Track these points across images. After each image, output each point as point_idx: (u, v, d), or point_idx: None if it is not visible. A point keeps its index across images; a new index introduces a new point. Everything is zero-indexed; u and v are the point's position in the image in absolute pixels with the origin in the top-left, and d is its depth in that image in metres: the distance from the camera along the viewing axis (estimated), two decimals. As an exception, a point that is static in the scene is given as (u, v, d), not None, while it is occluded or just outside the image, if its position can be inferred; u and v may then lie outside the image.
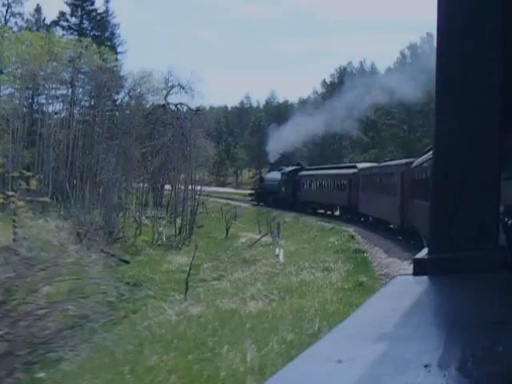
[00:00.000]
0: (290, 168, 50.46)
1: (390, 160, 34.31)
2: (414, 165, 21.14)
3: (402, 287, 1.63)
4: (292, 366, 0.99)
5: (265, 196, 52.35)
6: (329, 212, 40.26)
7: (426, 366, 0.90)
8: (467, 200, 1.58)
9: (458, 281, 1.60)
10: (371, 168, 33.12)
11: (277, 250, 23.05)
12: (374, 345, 1.05)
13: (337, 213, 39.26)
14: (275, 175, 51.80)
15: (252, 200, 55.73)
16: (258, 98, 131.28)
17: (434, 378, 0.88)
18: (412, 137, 70.00)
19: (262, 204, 51.88)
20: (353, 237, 28.02)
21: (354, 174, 35.04)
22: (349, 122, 59.82)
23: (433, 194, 1.73)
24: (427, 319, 1.33)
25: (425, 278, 1.60)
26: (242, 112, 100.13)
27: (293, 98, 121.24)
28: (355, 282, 16.85)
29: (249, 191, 59.55)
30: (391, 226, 25.96)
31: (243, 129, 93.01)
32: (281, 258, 21.44)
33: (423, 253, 1.71)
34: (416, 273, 1.60)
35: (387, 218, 26.01)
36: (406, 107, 63.42)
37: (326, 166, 48.65)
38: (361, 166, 36.47)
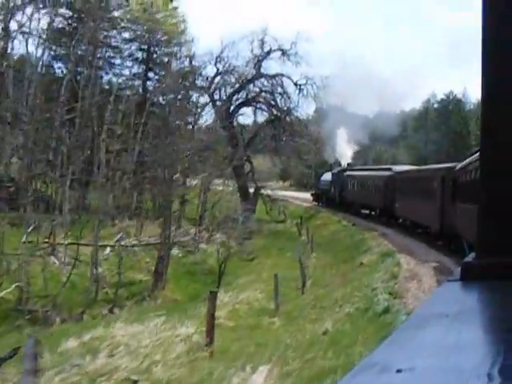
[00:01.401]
0: (338, 168, 51.62)
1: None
2: (458, 167, 21.10)
3: (452, 293, 1.55)
4: (351, 376, 0.98)
5: (320, 196, 54.90)
6: (373, 213, 40.16)
7: (488, 375, 0.87)
8: None
9: (509, 286, 1.49)
10: (408, 171, 33.09)
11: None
12: (431, 353, 1.04)
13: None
14: (328, 176, 52.70)
15: (313, 200, 57.74)
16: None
17: None
18: None
19: (319, 204, 54.44)
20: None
21: (389, 176, 34.98)
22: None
23: (481, 197, 1.61)
24: (482, 326, 1.33)
25: (474, 283, 1.54)
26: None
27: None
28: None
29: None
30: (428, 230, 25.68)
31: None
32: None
33: (470, 257, 1.64)
34: (464, 278, 1.55)
35: (426, 222, 25.89)
36: None
37: (366, 167, 49.64)
38: (397, 168, 36.22)
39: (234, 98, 46.78)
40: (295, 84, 45.60)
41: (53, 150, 32.50)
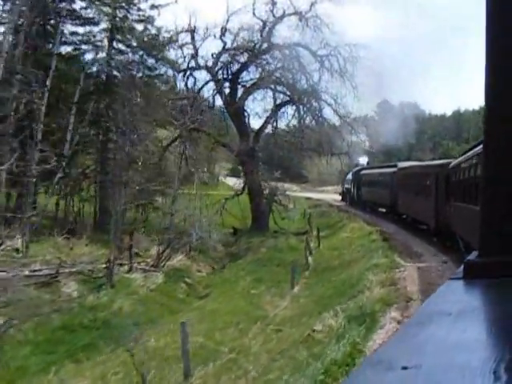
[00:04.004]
0: (357, 167, 49.76)
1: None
2: (450, 166, 20.89)
3: (454, 291, 1.54)
4: (357, 373, 1.00)
5: (345, 196, 54.34)
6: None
7: (494, 373, 0.87)
8: None
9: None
10: (409, 168, 31.65)
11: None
12: (436, 351, 1.04)
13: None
14: (350, 175, 51.51)
15: (341, 200, 56.58)
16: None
17: None
18: None
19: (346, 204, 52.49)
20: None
21: (394, 173, 33.74)
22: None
23: (484, 195, 1.63)
24: (485, 324, 1.32)
25: (477, 281, 1.54)
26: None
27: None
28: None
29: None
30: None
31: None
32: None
33: (473, 255, 1.65)
34: (466, 276, 1.55)
35: (423, 219, 25.81)
36: None
37: (378, 165, 47.27)
38: (400, 165, 34.36)
39: (241, 77, 37.21)
40: (314, 55, 35.26)
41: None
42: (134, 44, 29.96)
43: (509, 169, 1.51)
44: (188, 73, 37.87)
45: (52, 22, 29.22)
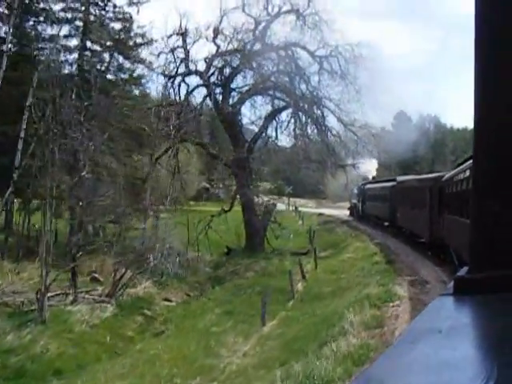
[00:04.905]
0: (362, 182, 48.86)
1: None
2: (443, 179, 20.92)
3: (444, 308, 1.52)
4: None
5: (352, 210, 53.62)
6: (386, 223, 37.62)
7: None
8: (511, 215, 1.47)
9: (504, 301, 1.46)
10: (406, 181, 31.36)
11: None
12: (425, 370, 1.03)
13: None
14: (355, 190, 50.88)
15: (349, 214, 55.46)
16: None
17: None
18: None
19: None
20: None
21: (392, 187, 33.29)
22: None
23: (473, 210, 1.59)
24: (475, 342, 1.31)
25: (468, 297, 1.51)
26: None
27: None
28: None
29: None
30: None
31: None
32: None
33: (463, 271, 1.60)
34: (457, 292, 1.52)
35: (419, 232, 25.53)
36: None
37: (379, 180, 46.11)
38: (399, 178, 33.99)
39: (235, 81, 33.97)
40: (313, 56, 31.83)
41: None
42: (108, 44, 26.88)
43: (499, 182, 1.49)
44: (180, 79, 34.95)
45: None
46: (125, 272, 18.80)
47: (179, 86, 34.34)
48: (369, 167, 49.78)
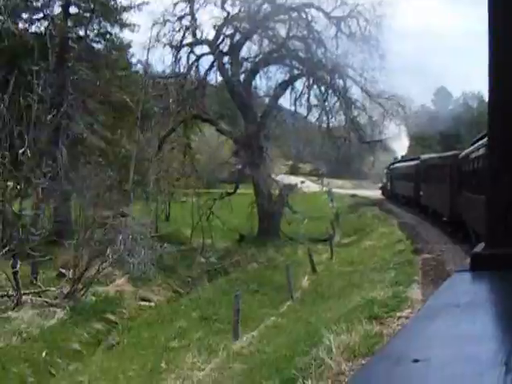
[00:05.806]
0: (391, 162, 48.54)
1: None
2: (460, 156, 21.13)
3: (462, 284, 1.51)
4: (369, 366, 0.98)
5: (383, 190, 53.56)
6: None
7: (506, 364, 0.85)
8: None
9: None
10: (429, 159, 30.21)
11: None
12: (446, 344, 1.03)
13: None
14: (385, 170, 50.89)
15: (382, 194, 55.18)
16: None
17: None
18: None
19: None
20: None
21: (416, 165, 32.62)
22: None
23: (489, 187, 1.58)
24: (494, 316, 1.30)
25: (484, 273, 1.49)
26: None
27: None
28: None
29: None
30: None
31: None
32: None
33: (480, 247, 1.60)
34: (474, 268, 1.51)
35: (440, 210, 25.44)
36: None
37: (406, 159, 44.03)
38: (423, 157, 32.60)
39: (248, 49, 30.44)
40: (329, 17, 27.91)
41: None
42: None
43: None
44: (188, 49, 31.72)
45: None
46: (87, 267, 15.77)
47: (188, 57, 31.26)
48: (399, 145, 47.42)
